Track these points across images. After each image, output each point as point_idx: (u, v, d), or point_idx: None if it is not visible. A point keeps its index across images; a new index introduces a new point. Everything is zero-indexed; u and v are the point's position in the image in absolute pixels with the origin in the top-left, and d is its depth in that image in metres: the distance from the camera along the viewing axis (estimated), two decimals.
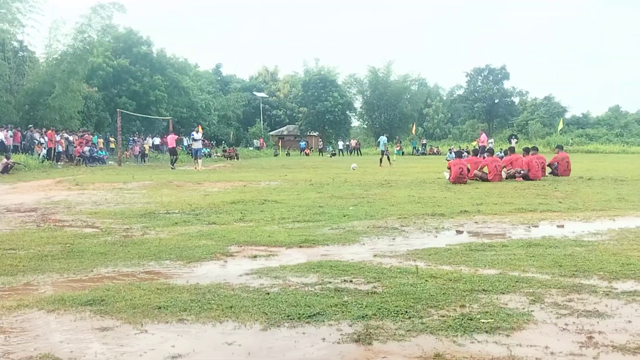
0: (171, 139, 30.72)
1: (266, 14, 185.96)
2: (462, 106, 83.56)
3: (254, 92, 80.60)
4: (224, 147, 55.91)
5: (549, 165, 18.00)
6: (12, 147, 28.56)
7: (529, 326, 3.76)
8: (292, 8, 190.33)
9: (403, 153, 41.96)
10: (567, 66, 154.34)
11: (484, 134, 31.24)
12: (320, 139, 69.79)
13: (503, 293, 4.51)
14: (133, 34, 55.64)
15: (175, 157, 30.58)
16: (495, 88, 78.62)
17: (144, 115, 45.58)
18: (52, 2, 79.20)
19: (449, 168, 16.39)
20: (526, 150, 18.45)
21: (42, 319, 4.06)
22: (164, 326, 3.86)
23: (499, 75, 79.74)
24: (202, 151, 34.74)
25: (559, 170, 17.88)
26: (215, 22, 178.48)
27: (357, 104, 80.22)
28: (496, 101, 78.67)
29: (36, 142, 30.43)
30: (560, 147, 19.65)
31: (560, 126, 55.04)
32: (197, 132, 30.69)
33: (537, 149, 19.23)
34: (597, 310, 4.07)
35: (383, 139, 30.81)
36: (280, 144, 67.76)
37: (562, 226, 8.20)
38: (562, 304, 4.23)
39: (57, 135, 31.30)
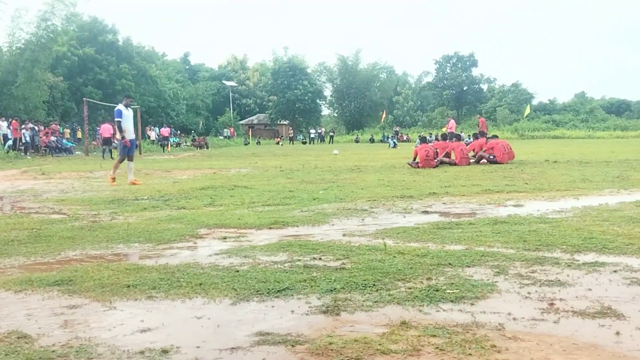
0: (105, 129, 28.79)
1: (235, 2, 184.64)
2: (431, 94, 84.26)
3: (223, 81, 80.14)
4: (193, 137, 55.41)
5: (481, 154, 17.63)
6: None
7: (492, 295, 3.84)
8: None
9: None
10: (534, 53, 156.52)
11: (452, 121, 31.47)
12: (290, 128, 69.69)
13: (469, 266, 4.60)
14: (98, 22, 54.93)
15: (108, 147, 28.69)
16: (464, 75, 79.41)
17: (110, 104, 44.89)
18: None
19: (415, 155, 16.53)
20: (492, 137, 19.12)
21: (9, 299, 4.02)
22: (133, 303, 3.85)
23: (468, 63, 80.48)
24: (172, 140, 33.65)
25: (497, 155, 17.18)
26: (182, 10, 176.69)
27: (327, 93, 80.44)
28: (465, 88, 79.44)
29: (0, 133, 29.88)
30: (494, 137, 19.32)
31: (527, 112, 55.64)
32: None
33: (497, 137, 19.90)
34: (559, 280, 4.17)
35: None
36: (250, 133, 67.53)
37: (522, 206, 8.33)
38: (526, 275, 4.33)
39: (23, 125, 30.76)
